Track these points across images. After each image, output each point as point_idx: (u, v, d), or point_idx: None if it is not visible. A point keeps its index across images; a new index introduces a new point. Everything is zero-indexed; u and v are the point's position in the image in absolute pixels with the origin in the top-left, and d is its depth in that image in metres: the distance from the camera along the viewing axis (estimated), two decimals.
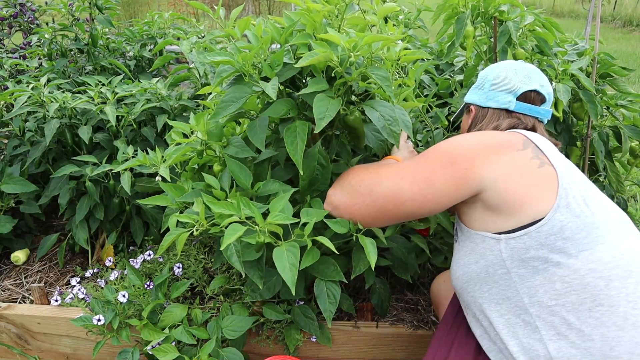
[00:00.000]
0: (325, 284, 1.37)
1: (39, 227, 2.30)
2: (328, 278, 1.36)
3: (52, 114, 1.91)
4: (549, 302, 0.98)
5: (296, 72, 1.24)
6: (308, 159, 1.27)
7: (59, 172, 1.88)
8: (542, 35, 1.73)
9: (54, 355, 1.75)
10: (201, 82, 2.10)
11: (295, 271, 1.10)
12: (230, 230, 1.11)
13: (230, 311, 1.53)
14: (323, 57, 1.12)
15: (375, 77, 1.15)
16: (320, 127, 1.09)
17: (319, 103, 1.13)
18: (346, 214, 1.19)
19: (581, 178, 1.08)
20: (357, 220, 1.19)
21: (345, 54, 1.15)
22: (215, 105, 1.20)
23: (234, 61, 1.20)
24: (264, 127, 1.24)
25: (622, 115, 1.91)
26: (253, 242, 1.14)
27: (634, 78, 5.54)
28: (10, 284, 2.01)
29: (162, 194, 1.38)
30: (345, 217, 1.20)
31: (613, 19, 10.62)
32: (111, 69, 2.49)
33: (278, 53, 1.21)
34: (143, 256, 1.74)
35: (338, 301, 1.35)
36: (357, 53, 1.14)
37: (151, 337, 1.45)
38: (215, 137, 1.35)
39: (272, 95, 1.11)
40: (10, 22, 2.75)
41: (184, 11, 8.78)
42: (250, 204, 1.16)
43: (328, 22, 1.30)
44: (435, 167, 1.10)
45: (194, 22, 2.71)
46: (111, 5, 2.39)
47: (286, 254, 1.12)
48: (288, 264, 1.11)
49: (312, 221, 1.19)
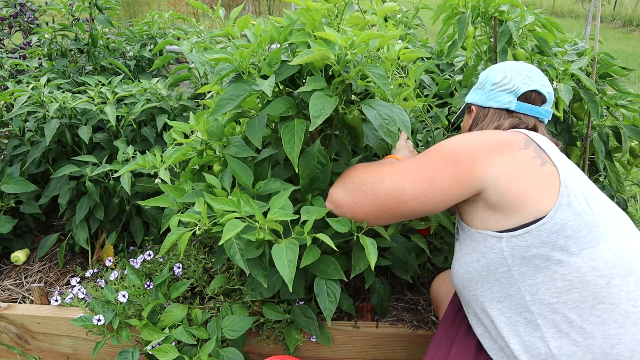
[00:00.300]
0: (325, 283, 1.37)
1: (39, 227, 2.30)
2: (328, 276, 1.36)
3: (52, 114, 1.91)
4: (551, 299, 0.98)
5: (295, 71, 1.25)
6: (307, 157, 1.27)
7: (59, 172, 1.88)
8: (542, 35, 1.73)
9: (54, 355, 1.75)
10: (201, 82, 2.10)
11: (293, 268, 1.10)
12: (229, 226, 1.11)
13: (230, 311, 1.52)
14: (319, 54, 1.12)
15: (373, 75, 1.15)
16: (315, 125, 1.09)
17: (315, 101, 1.13)
18: (348, 212, 1.19)
19: (582, 177, 1.09)
20: (359, 219, 1.19)
21: (342, 52, 1.15)
22: (214, 103, 1.20)
23: (232, 59, 1.21)
24: (262, 125, 1.24)
25: (622, 115, 1.91)
26: (253, 239, 1.14)
27: (634, 78, 5.54)
28: (10, 284, 2.01)
29: (163, 195, 1.38)
30: (347, 215, 1.20)
31: (613, 19, 10.62)
32: (111, 69, 2.49)
33: (276, 51, 1.22)
34: (143, 256, 1.74)
35: (338, 300, 1.35)
36: (354, 51, 1.14)
37: (151, 337, 1.45)
38: (216, 137, 1.35)
39: (267, 93, 1.12)
40: (10, 22, 2.75)
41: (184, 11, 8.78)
42: (250, 200, 1.17)
43: (328, 21, 1.30)
44: (437, 166, 1.10)
45: (194, 22, 2.71)
46: (111, 5, 2.39)
47: (285, 251, 1.12)
48: (286, 260, 1.11)
49: (312, 219, 1.19)
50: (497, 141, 1.10)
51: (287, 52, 1.26)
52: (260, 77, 1.21)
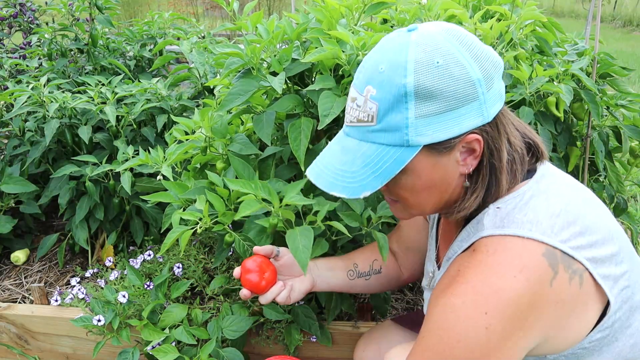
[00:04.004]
0: None
1: (39, 227, 2.30)
2: None
3: (52, 114, 1.91)
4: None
5: (305, 69, 1.25)
6: (312, 156, 1.27)
7: (59, 172, 1.88)
8: (542, 35, 1.73)
9: (54, 355, 1.75)
10: (201, 82, 2.10)
11: (308, 253, 1.08)
12: (246, 204, 1.11)
13: (231, 311, 1.52)
14: (331, 53, 1.12)
15: None
16: (324, 124, 1.10)
17: (324, 100, 1.13)
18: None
19: (614, 248, 0.87)
20: None
21: (353, 52, 1.16)
22: (223, 98, 1.21)
23: (243, 54, 1.21)
24: (271, 121, 1.25)
25: (622, 115, 1.91)
26: (267, 224, 1.14)
27: (634, 78, 5.54)
28: (10, 284, 2.01)
29: (165, 191, 1.38)
30: None
31: (613, 19, 10.63)
32: (111, 69, 2.49)
33: (287, 48, 1.23)
34: (143, 256, 1.74)
35: (340, 300, 1.35)
36: (365, 52, 1.14)
37: (151, 337, 1.45)
38: (220, 134, 1.35)
39: (277, 89, 1.13)
40: (10, 22, 2.75)
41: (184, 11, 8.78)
42: (267, 186, 1.16)
43: (347, 22, 1.31)
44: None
45: (194, 22, 2.72)
46: (111, 5, 2.39)
47: (299, 237, 1.10)
48: (301, 245, 1.09)
49: (325, 209, 1.19)
50: (518, 304, 0.78)
51: (298, 50, 1.26)
52: (270, 74, 1.22)
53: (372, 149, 0.81)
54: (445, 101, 0.78)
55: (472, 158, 0.85)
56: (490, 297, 0.78)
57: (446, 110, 0.78)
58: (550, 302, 0.80)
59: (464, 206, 0.88)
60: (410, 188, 0.85)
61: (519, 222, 0.83)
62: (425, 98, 0.78)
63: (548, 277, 0.79)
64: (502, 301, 0.77)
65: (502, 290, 0.78)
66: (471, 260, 0.84)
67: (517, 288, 0.78)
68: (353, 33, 1.21)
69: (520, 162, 0.89)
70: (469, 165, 0.85)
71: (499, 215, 0.86)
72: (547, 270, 0.79)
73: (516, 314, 0.78)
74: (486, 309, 0.78)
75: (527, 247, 0.80)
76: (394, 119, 0.79)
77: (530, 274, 0.78)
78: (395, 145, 0.80)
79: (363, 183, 0.80)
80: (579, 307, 0.84)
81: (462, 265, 0.85)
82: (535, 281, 0.78)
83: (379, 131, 0.81)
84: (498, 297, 0.78)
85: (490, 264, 0.81)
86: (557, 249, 0.81)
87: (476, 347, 0.79)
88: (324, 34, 1.21)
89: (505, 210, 0.86)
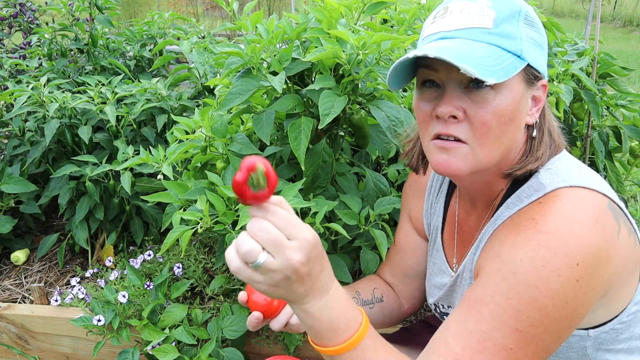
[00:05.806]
0: None
1: (39, 227, 2.30)
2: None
3: (52, 114, 1.91)
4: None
5: (305, 68, 1.25)
6: (313, 156, 1.28)
7: (59, 172, 1.88)
8: None
9: (54, 355, 1.75)
10: (201, 82, 2.10)
11: None
12: (245, 210, 1.12)
13: (231, 311, 1.52)
14: (331, 52, 1.12)
15: (383, 76, 1.16)
16: (325, 123, 1.10)
17: (325, 99, 1.14)
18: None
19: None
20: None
21: (354, 51, 1.16)
22: (223, 97, 1.21)
23: (243, 53, 1.21)
24: (271, 121, 1.25)
25: (622, 115, 1.91)
26: None
27: (634, 78, 5.54)
28: (10, 284, 2.01)
29: (165, 191, 1.37)
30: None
31: (613, 19, 10.63)
32: (111, 69, 2.49)
33: (287, 48, 1.23)
34: (143, 256, 1.74)
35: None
36: (365, 51, 1.14)
37: (151, 337, 1.45)
38: (220, 134, 1.36)
39: (277, 89, 1.13)
40: (10, 22, 2.75)
41: (184, 11, 8.79)
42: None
43: (347, 22, 1.31)
44: (542, 338, 0.77)
45: (194, 22, 2.71)
46: (111, 5, 2.39)
47: None
48: None
49: (323, 210, 1.19)
50: (588, 257, 0.76)
51: (298, 50, 1.26)
52: (270, 73, 1.22)
53: (489, 48, 0.81)
54: (539, 36, 0.86)
55: (536, 110, 0.88)
56: (579, 248, 0.75)
57: (539, 44, 0.85)
58: (616, 255, 0.79)
59: (535, 156, 0.87)
60: (498, 111, 0.82)
61: (578, 177, 0.83)
62: (530, 25, 0.84)
63: (615, 230, 0.79)
64: (590, 252, 0.75)
65: (587, 239, 0.76)
66: (543, 210, 0.80)
67: (597, 238, 0.76)
68: (353, 32, 1.21)
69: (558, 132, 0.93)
70: (534, 115, 0.88)
71: (555, 173, 0.85)
72: (613, 223, 0.79)
73: (598, 265, 0.76)
74: (577, 260, 0.75)
75: (596, 198, 0.80)
76: (510, 28, 0.82)
77: (604, 224, 0.78)
78: (510, 51, 0.81)
79: (490, 70, 0.77)
80: (632, 266, 0.83)
81: (531, 218, 0.81)
82: (608, 232, 0.78)
83: (496, 34, 0.82)
84: (585, 246, 0.75)
85: (569, 212, 0.78)
86: (615, 203, 0.81)
87: (569, 302, 0.75)
88: (324, 33, 1.21)
89: (558, 170, 0.85)
